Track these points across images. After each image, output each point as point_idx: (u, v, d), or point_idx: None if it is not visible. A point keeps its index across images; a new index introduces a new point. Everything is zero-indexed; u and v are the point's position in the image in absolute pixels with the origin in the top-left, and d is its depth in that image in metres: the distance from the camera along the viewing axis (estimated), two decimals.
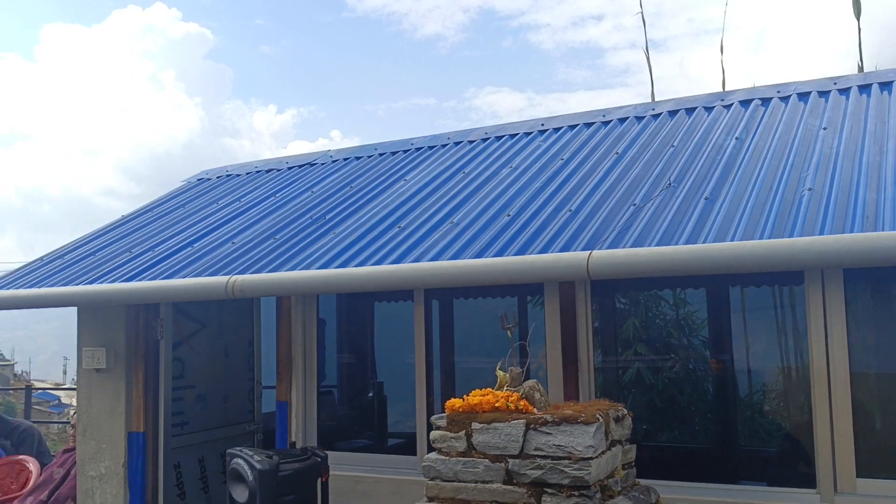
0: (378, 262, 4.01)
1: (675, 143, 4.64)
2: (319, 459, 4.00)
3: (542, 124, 5.74)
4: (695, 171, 4.15)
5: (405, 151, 6.00)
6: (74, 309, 5.13)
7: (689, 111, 5.20)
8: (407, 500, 4.07)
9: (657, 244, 3.36)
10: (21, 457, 6.62)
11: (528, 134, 5.65)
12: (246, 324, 5.92)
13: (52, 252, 5.41)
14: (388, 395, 5.57)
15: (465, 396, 2.99)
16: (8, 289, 4.89)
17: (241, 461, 3.75)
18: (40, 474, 6.05)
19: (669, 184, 4.03)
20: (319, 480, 3.99)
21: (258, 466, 3.66)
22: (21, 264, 5.38)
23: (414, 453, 4.42)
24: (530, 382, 3.06)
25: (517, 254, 3.67)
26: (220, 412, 5.61)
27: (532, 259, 3.49)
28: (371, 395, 5.82)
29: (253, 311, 5.87)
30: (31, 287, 4.85)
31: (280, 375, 4.83)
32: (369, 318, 5.74)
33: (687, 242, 3.30)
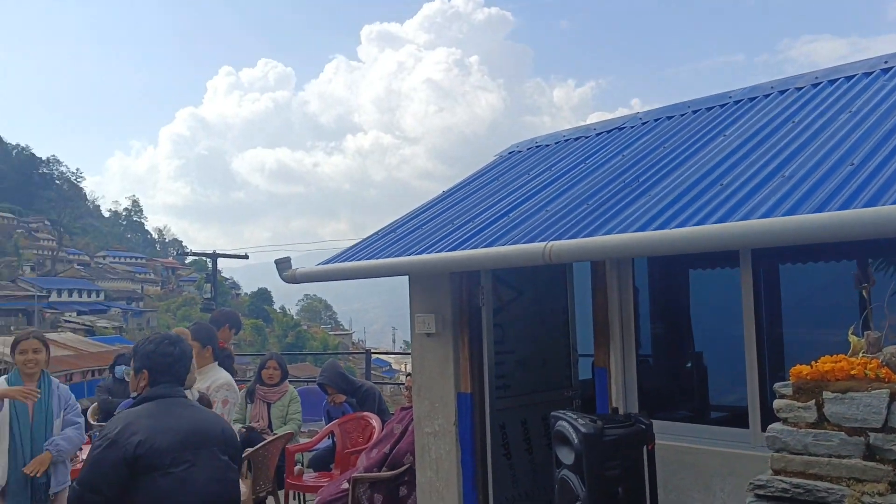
0: (699, 223, 3.78)
1: None
2: (644, 427, 3.90)
3: (886, 62, 5.01)
4: None
5: (721, 106, 5.61)
6: (401, 283, 5.55)
7: None
8: (738, 474, 3.83)
9: None
10: (365, 413, 7.39)
11: (867, 74, 4.96)
12: (559, 291, 5.99)
13: (385, 227, 5.92)
14: (707, 366, 5.30)
15: (812, 363, 2.70)
16: (349, 261, 5.45)
17: (565, 424, 3.79)
18: (382, 429, 6.69)
19: None
20: (645, 448, 3.90)
21: (583, 430, 3.67)
22: (355, 243, 5.96)
23: (740, 426, 4.15)
24: (892, 348, 2.67)
25: (866, 206, 3.23)
26: (540, 377, 5.75)
27: (889, 210, 3.04)
28: (689, 364, 5.59)
29: (566, 279, 5.92)
30: (368, 259, 5.34)
31: (597, 342, 4.80)
32: (684, 285, 5.49)
33: None
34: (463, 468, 5.24)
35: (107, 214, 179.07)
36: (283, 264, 5.51)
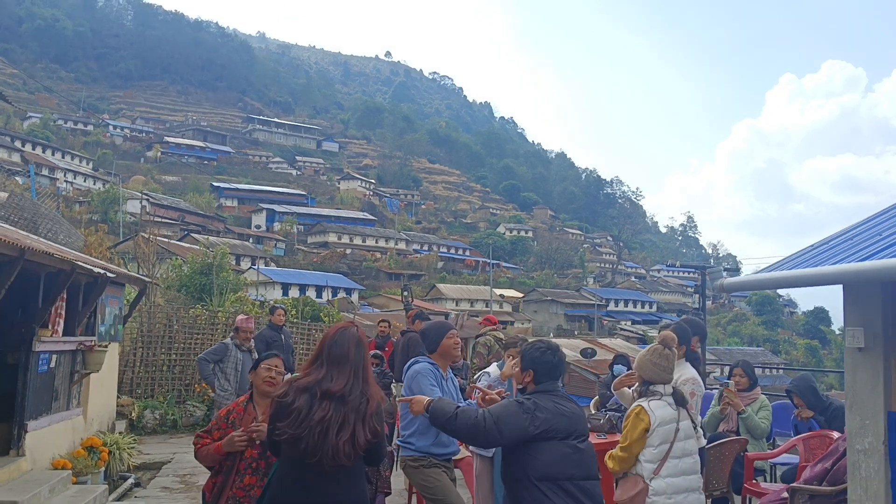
0: None
1: None
2: None
3: None
4: None
5: None
6: None
7: None
8: None
9: None
10: (829, 431, 7.18)
11: None
12: None
13: (820, 240, 5.83)
14: None
15: None
16: (775, 271, 5.57)
17: None
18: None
19: None
20: None
21: None
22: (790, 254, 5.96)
23: None
24: None
25: None
26: None
27: None
28: None
29: None
30: (796, 268, 5.41)
31: None
32: None
33: None
34: (892, 490, 4.94)
35: (663, 230, 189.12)
36: (714, 274, 5.90)
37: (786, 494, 6.13)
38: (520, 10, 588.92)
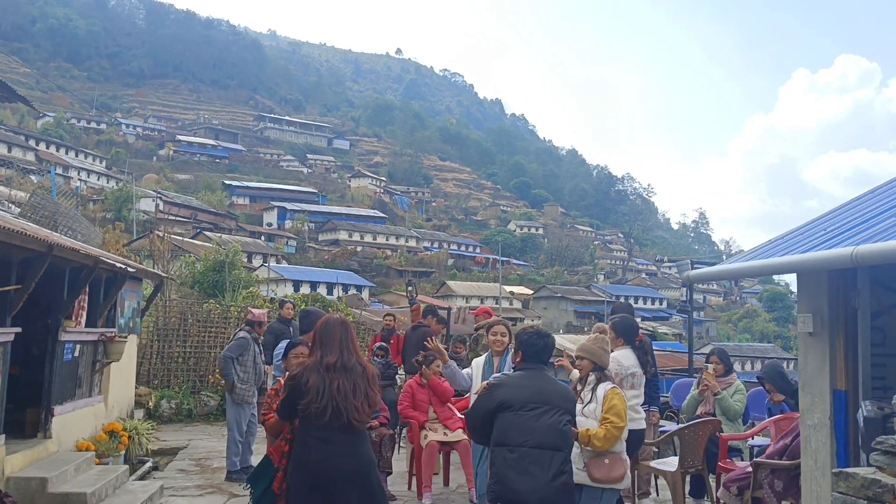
0: None
1: None
2: None
3: None
4: None
5: None
6: None
7: None
8: None
9: None
10: (797, 413, 7.67)
11: None
12: None
13: (780, 234, 6.36)
14: None
15: None
16: (737, 262, 6.10)
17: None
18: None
19: None
20: None
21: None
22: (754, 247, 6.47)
23: None
24: None
25: None
26: None
27: None
28: None
29: None
30: (754, 259, 5.93)
31: None
32: None
33: None
34: (838, 461, 5.46)
35: (675, 227, 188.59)
36: (682, 267, 6.43)
37: (750, 469, 6.64)
38: (530, 6, 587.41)
